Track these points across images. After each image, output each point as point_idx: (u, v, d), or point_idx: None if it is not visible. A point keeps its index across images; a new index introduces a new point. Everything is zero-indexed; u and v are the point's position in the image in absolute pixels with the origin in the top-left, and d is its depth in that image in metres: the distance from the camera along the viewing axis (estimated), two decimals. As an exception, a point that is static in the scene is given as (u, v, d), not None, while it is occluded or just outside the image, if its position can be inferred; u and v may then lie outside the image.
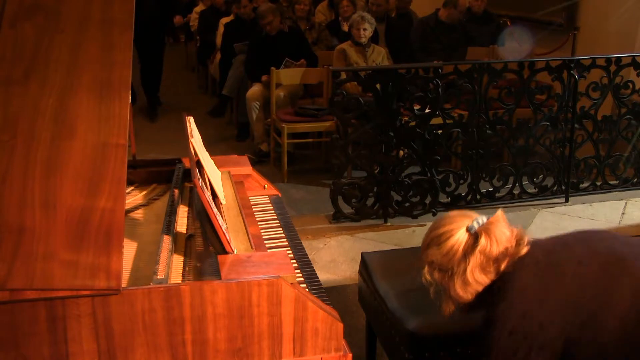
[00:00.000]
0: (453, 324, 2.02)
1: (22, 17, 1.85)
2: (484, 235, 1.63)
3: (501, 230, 1.64)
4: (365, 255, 2.46)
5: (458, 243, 1.63)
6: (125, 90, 1.78)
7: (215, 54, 7.10)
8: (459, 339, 2.03)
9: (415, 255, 2.27)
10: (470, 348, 2.03)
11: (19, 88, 1.73)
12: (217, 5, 7.57)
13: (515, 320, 1.52)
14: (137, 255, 1.90)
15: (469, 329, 2.00)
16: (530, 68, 4.22)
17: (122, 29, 1.89)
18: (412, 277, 2.18)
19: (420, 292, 2.14)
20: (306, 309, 1.60)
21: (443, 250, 1.65)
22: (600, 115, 4.48)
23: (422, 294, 2.13)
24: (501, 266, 1.61)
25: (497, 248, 1.62)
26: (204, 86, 8.19)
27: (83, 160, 1.64)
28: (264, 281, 1.56)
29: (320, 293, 1.80)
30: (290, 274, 1.65)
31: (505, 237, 1.64)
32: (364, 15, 5.34)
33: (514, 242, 1.64)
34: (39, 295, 1.45)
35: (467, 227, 1.64)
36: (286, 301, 1.58)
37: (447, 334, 2.03)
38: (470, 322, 1.99)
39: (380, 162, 4.11)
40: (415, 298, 2.16)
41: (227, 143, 5.90)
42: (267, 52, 5.52)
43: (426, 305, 2.10)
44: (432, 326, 2.03)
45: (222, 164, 2.43)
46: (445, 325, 2.02)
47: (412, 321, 2.05)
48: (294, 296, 1.58)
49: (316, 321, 1.61)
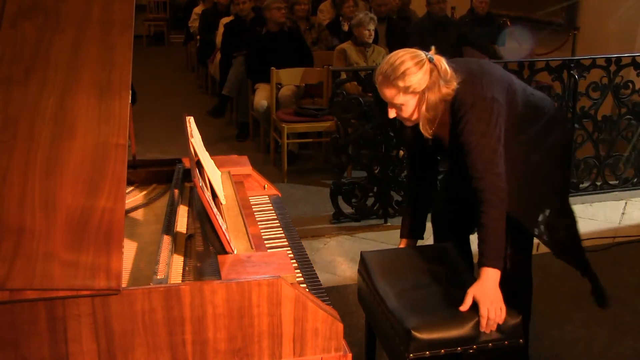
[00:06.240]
0: (453, 323, 2.04)
1: (22, 17, 1.85)
2: (438, 62, 2.17)
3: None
4: (365, 254, 2.46)
5: (429, 69, 2.15)
6: (125, 90, 1.78)
7: (215, 54, 7.10)
8: (459, 338, 2.04)
9: (415, 256, 2.30)
10: (471, 347, 2.05)
11: (19, 88, 1.73)
12: (220, 6, 7.57)
13: (480, 104, 2.16)
14: (137, 255, 1.90)
15: (469, 329, 2.04)
16: (530, 68, 4.22)
17: (122, 29, 1.89)
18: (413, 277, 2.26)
19: (420, 292, 2.19)
20: (306, 309, 1.60)
21: (418, 77, 2.14)
22: (600, 115, 4.48)
23: (421, 293, 2.18)
24: (453, 82, 2.17)
25: (448, 70, 2.18)
26: (204, 86, 8.19)
27: (83, 160, 1.64)
28: (264, 281, 1.56)
29: (320, 293, 1.80)
30: (290, 274, 1.65)
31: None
32: (372, 16, 5.35)
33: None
34: (39, 295, 1.44)
35: (428, 57, 2.17)
36: (286, 301, 1.58)
37: (447, 333, 2.04)
38: (470, 322, 2.04)
39: (380, 162, 4.11)
40: (414, 297, 2.17)
41: (227, 143, 5.90)
42: (266, 51, 5.53)
43: (426, 304, 2.12)
44: (431, 325, 2.03)
45: (222, 164, 2.43)
46: (445, 325, 2.04)
47: (412, 320, 2.04)
48: (294, 296, 1.58)
49: (316, 321, 1.61)
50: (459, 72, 2.20)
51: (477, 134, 2.16)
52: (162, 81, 8.74)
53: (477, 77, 2.21)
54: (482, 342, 2.05)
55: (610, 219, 4.28)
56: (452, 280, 2.26)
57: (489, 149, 2.16)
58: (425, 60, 2.16)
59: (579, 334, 2.96)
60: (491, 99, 2.18)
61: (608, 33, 5.58)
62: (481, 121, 2.16)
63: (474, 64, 2.32)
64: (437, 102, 2.19)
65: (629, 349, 2.86)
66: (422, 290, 2.21)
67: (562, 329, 3.00)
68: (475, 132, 2.16)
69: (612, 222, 4.22)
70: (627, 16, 5.43)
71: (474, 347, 2.05)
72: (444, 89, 2.17)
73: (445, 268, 2.34)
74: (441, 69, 2.17)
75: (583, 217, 4.28)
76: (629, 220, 4.26)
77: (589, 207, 4.45)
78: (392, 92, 2.18)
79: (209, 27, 7.43)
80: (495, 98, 2.19)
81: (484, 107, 2.16)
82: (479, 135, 2.16)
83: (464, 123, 2.17)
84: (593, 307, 3.17)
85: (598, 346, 2.87)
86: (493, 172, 2.15)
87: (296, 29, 5.96)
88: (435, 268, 2.33)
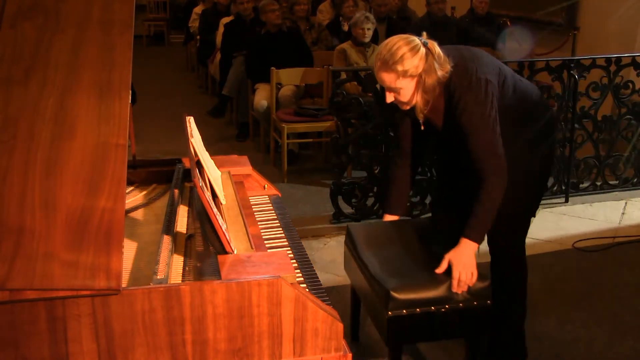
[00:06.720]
0: (428, 286, 2.27)
1: (22, 17, 1.85)
2: (432, 47, 2.26)
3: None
4: (351, 227, 2.69)
5: (424, 53, 2.23)
6: (125, 90, 1.78)
7: (215, 54, 7.10)
8: (433, 299, 2.26)
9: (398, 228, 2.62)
10: (443, 307, 2.26)
11: (19, 88, 1.73)
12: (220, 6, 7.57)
13: (475, 85, 2.24)
14: (137, 255, 1.90)
15: (442, 290, 2.28)
16: (530, 68, 4.22)
17: (122, 29, 1.89)
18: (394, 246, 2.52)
19: (400, 259, 2.43)
20: (306, 309, 1.60)
21: (415, 60, 2.22)
22: (600, 115, 4.48)
23: (401, 260, 2.43)
24: (447, 65, 2.26)
25: (442, 54, 2.26)
26: (204, 86, 8.19)
27: (83, 160, 1.63)
28: (264, 281, 1.56)
29: (320, 293, 1.80)
30: (290, 274, 1.65)
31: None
32: (368, 15, 5.35)
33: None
34: (39, 295, 1.44)
35: (422, 42, 2.25)
36: (286, 301, 1.58)
37: (423, 294, 2.25)
38: (443, 284, 2.28)
39: (380, 162, 4.11)
40: (394, 264, 2.39)
41: (227, 143, 5.90)
42: (266, 51, 5.53)
43: (404, 269, 2.36)
44: (408, 287, 2.25)
45: (222, 164, 2.43)
46: (421, 286, 2.27)
47: (391, 282, 2.26)
48: (294, 296, 1.58)
49: (316, 321, 1.61)
50: (451, 57, 2.28)
51: (476, 115, 2.24)
52: (162, 81, 8.74)
53: (469, 61, 2.30)
54: (453, 303, 2.27)
55: (610, 219, 4.28)
56: (431, 250, 2.47)
57: (488, 129, 2.25)
58: (420, 45, 2.25)
59: (579, 334, 2.96)
60: (485, 80, 2.26)
61: (608, 33, 5.58)
62: (478, 103, 2.25)
63: (464, 50, 2.40)
64: (434, 84, 2.27)
65: (629, 349, 2.86)
66: (402, 258, 2.44)
67: (562, 329, 3.00)
68: (474, 114, 2.24)
69: (612, 222, 4.22)
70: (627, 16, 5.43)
71: (446, 306, 2.27)
72: (439, 72, 2.25)
73: (425, 240, 2.55)
74: (435, 53, 2.25)
75: (583, 217, 4.29)
76: (629, 220, 4.27)
77: (589, 207, 4.45)
78: (392, 77, 2.25)
79: (209, 27, 7.43)
80: (489, 80, 2.27)
81: (479, 88, 2.25)
82: (477, 117, 2.24)
83: (461, 106, 2.25)
84: (593, 307, 3.19)
85: (598, 346, 2.87)
86: (493, 152, 2.26)
87: (296, 29, 5.97)
88: (416, 240, 2.55)
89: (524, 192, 2.48)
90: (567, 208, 4.44)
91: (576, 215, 4.33)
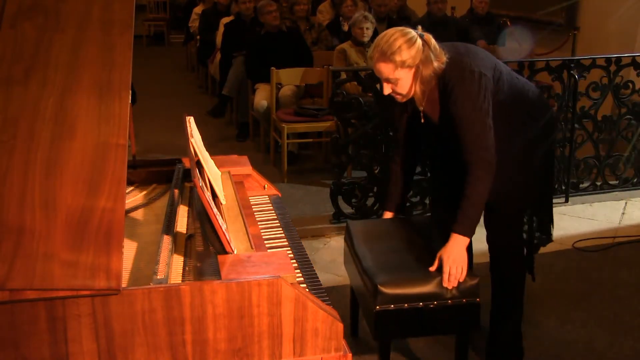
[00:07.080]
0: (417, 281, 2.28)
1: (22, 17, 1.85)
2: (428, 39, 2.30)
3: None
4: (350, 223, 2.72)
5: (421, 44, 2.27)
6: (125, 90, 1.78)
7: (215, 54, 7.09)
8: (421, 295, 2.27)
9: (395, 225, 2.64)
10: (432, 303, 2.27)
11: (19, 88, 1.73)
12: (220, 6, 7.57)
13: (469, 78, 2.26)
14: (137, 255, 1.90)
15: (431, 287, 2.28)
16: (530, 68, 4.22)
17: (122, 29, 1.89)
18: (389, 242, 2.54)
19: (393, 255, 2.45)
20: (306, 309, 1.60)
21: (413, 51, 2.26)
22: (600, 115, 4.48)
23: (394, 256, 2.44)
24: (443, 57, 2.29)
25: (437, 46, 2.30)
26: (204, 86, 8.19)
27: (83, 160, 1.63)
28: (264, 281, 1.56)
29: (320, 293, 1.80)
30: (290, 274, 1.65)
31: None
32: (366, 14, 5.35)
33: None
34: (39, 295, 1.44)
35: (418, 34, 2.29)
36: (286, 301, 1.58)
37: (411, 289, 2.26)
38: (432, 280, 2.28)
39: (380, 162, 4.11)
40: (387, 259, 2.41)
41: (227, 143, 5.90)
42: (266, 51, 5.53)
43: (396, 265, 2.38)
44: (397, 282, 2.26)
45: (222, 164, 2.43)
46: (410, 282, 2.27)
47: (380, 277, 2.28)
48: (294, 296, 1.58)
49: (316, 321, 1.61)
50: (446, 51, 2.32)
51: (467, 108, 2.27)
52: (162, 81, 8.74)
53: (464, 55, 2.34)
54: (442, 299, 2.28)
55: (610, 219, 4.28)
56: (426, 248, 2.47)
57: (479, 122, 2.27)
58: (416, 37, 2.29)
59: (579, 334, 2.96)
60: (479, 73, 2.29)
61: (608, 33, 5.58)
62: (470, 95, 2.27)
63: (460, 45, 2.43)
64: (430, 75, 2.31)
65: (629, 349, 2.86)
66: (396, 254, 2.45)
67: (562, 329, 3.00)
68: (465, 106, 2.27)
69: (612, 222, 4.22)
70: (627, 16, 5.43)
71: (434, 302, 2.27)
72: (435, 63, 2.28)
73: (421, 237, 2.56)
74: (431, 44, 2.30)
75: (583, 217, 4.28)
76: (629, 220, 4.26)
77: (589, 207, 4.45)
78: (390, 68, 2.28)
79: (209, 27, 7.42)
80: (483, 73, 2.30)
81: (472, 80, 2.28)
82: (469, 109, 2.27)
83: (454, 96, 2.28)
84: (593, 307, 3.19)
85: (598, 346, 2.87)
86: (482, 145, 2.27)
87: (296, 29, 5.97)
88: (411, 236, 2.56)
89: (523, 192, 2.49)
90: (567, 208, 4.44)
91: (576, 215, 4.33)
